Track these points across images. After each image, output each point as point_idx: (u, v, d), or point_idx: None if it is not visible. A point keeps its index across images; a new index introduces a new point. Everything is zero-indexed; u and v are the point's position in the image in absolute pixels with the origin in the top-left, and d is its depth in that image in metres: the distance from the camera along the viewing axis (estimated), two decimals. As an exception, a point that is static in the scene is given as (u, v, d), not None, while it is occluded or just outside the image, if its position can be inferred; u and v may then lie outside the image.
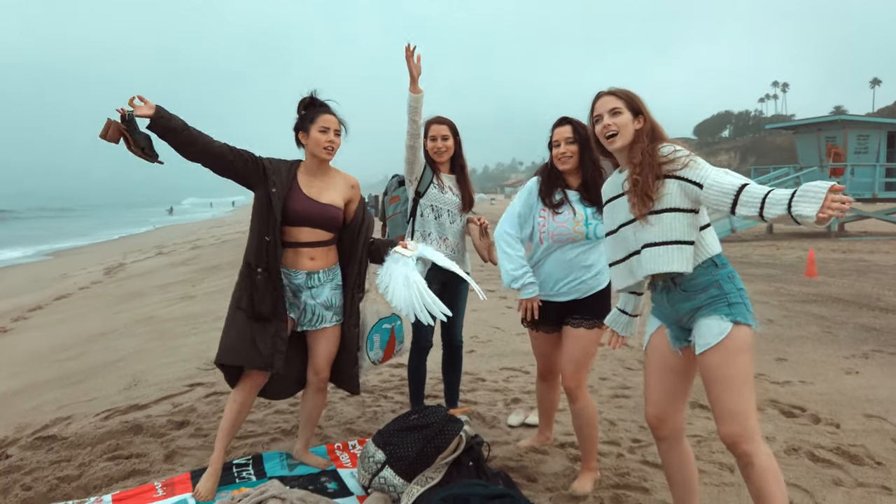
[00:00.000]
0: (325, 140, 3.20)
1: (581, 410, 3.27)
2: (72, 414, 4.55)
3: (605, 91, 2.56)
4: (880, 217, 20.21)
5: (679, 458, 2.62)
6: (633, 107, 2.49)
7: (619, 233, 2.53)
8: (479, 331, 6.77)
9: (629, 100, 2.50)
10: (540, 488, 3.22)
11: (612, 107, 2.48)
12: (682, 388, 2.55)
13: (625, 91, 2.54)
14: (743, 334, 2.30)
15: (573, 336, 3.28)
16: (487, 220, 3.95)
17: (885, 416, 4.22)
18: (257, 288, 3.13)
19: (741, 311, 2.32)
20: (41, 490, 3.24)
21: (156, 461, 3.56)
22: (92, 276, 14.65)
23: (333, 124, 3.23)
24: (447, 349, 4.08)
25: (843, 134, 19.82)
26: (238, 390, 3.22)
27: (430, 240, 3.83)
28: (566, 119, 3.33)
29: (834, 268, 12.14)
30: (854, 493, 3.20)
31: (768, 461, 2.28)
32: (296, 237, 3.21)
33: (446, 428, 3.05)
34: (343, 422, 4.14)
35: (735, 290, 2.36)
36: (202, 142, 3.06)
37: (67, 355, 6.91)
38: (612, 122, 2.46)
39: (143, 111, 2.90)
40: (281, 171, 3.24)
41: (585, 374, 3.32)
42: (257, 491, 2.72)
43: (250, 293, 3.14)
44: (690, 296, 2.38)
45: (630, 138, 2.48)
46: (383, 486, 2.97)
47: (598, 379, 5.06)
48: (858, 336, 6.54)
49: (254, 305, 3.13)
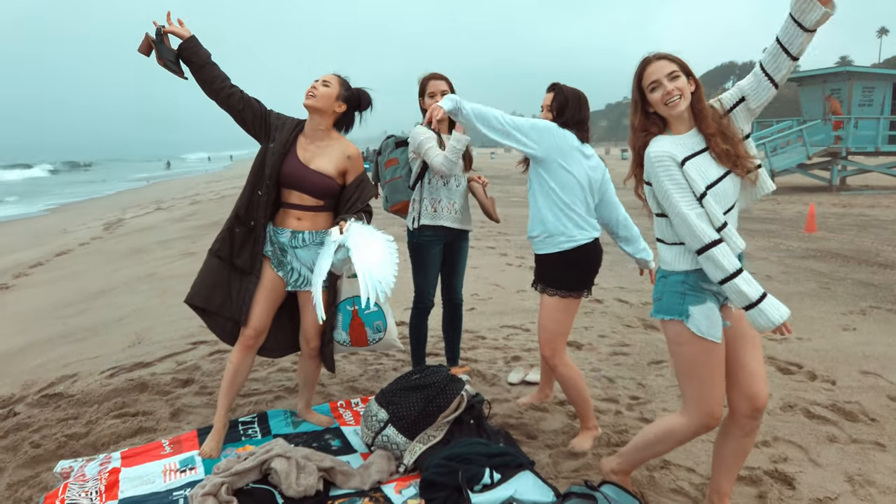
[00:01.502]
0: (309, 88, 3.20)
1: (561, 377, 3.25)
2: (77, 371, 4.60)
3: (655, 56, 2.40)
4: (882, 171, 20.09)
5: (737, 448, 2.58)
6: (686, 69, 2.37)
7: (718, 186, 2.34)
8: (480, 288, 6.80)
9: (681, 63, 2.37)
10: (540, 445, 3.28)
11: (670, 71, 2.34)
12: (739, 361, 2.50)
13: (673, 55, 2.41)
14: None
15: (542, 303, 3.28)
16: (487, 179, 3.94)
17: (880, 373, 4.27)
18: (237, 240, 3.21)
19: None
20: (50, 447, 3.30)
21: (162, 419, 3.62)
22: (92, 231, 14.63)
23: (323, 76, 3.25)
24: (447, 307, 4.11)
25: (848, 86, 19.52)
26: (234, 352, 3.27)
27: (441, 206, 3.80)
28: (554, 85, 3.34)
29: (834, 222, 12.14)
30: (848, 449, 3.26)
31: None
32: (285, 198, 3.24)
33: (448, 387, 3.10)
34: (345, 380, 4.20)
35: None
36: (220, 81, 3.15)
37: (70, 312, 6.95)
38: (674, 86, 2.32)
39: (176, 30, 3.09)
40: (285, 128, 3.23)
41: (561, 342, 3.25)
42: (262, 449, 2.77)
43: (230, 244, 3.22)
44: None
45: (689, 101, 2.38)
46: (386, 444, 3.03)
47: (598, 336, 5.11)
48: (856, 292, 6.57)
49: (232, 257, 3.22)
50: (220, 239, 3.25)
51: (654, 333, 5.20)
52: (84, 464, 3.06)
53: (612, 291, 6.58)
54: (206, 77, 3.13)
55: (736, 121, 2.41)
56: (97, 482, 2.87)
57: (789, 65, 2.28)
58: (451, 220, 3.83)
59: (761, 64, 2.33)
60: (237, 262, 3.23)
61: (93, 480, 2.88)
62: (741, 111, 2.40)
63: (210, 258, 3.26)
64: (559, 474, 2.98)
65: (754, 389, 2.42)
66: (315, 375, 3.54)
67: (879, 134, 19.37)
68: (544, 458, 3.12)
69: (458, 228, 3.88)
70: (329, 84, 3.21)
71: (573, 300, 3.21)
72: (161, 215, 17.10)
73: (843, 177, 20.71)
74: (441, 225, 3.80)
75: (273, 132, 3.19)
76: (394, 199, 3.96)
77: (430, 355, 4.58)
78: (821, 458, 3.17)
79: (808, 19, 2.18)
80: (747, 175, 2.36)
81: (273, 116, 3.24)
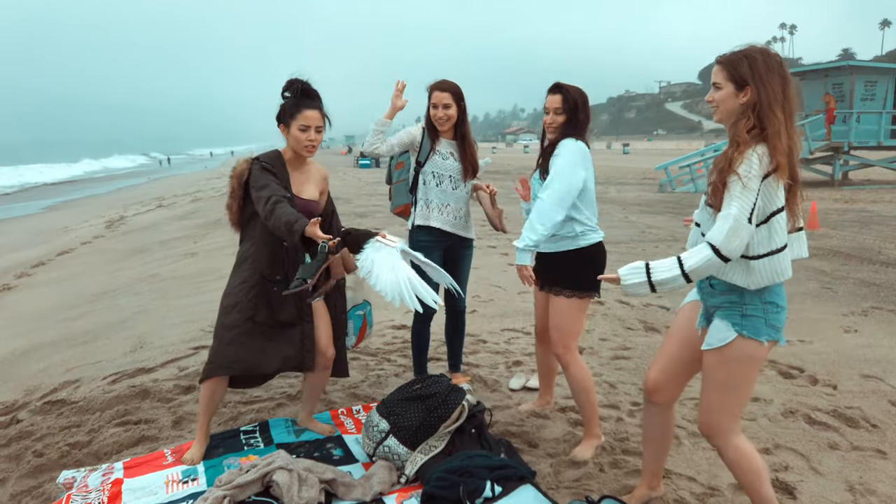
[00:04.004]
0: (305, 139, 3.09)
1: (572, 377, 3.29)
2: (80, 377, 4.61)
3: (718, 57, 2.32)
4: (884, 165, 20.08)
5: (663, 424, 2.72)
6: (737, 77, 2.22)
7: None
8: (481, 290, 6.80)
9: (733, 69, 2.23)
10: (541, 454, 3.29)
11: (714, 80, 2.29)
12: (693, 364, 2.56)
13: (734, 56, 2.25)
14: (746, 347, 2.28)
15: (554, 304, 3.30)
16: (496, 187, 3.92)
17: (882, 377, 4.27)
18: (276, 298, 3.11)
19: (754, 325, 2.27)
20: (53, 457, 3.31)
21: (164, 427, 3.63)
22: (94, 229, 14.64)
23: (315, 121, 3.09)
24: (450, 314, 4.12)
25: (850, 80, 19.46)
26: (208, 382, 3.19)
27: (432, 207, 3.82)
28: (558, 86, 3.29)
29: (836, 219, 12.12)
30: (849, 456, 3.27)
31: (736, 456, 2.41)
32: None
33: (449, 398, 3.10)
34: (347, 386, 4.20)
35: (760, 303, 2.27)
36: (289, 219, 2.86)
37: (72, 314, 6.96)
38: (710, 97, 2.30)
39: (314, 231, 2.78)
40: (278, 170, 3.12)
41: (574, 341, 3.30)
42: (264, 462, 2.78)
43: (269, 304, 3.13)
44: (715, 292, 2.36)
45: (731, 114, 2.26)
46: (388, 455, 3.04)
47: (599, 340, 5.11)
48: (858, 292, 6.57)
49: (275, 316, 3.14)
50: (249, 306, 3.08)
51: (656, 336, 5.20)
52: (87, 474, 3.07)
53: (614, 293, 6.57)
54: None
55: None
56: (100, 493, 2.87)
57: None
58: (442, 223, 3.82)
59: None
60: (282, 318, 3.15)
61: (96, 491, 2.89)
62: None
63: (244, 325, 3.08)
64: (560, 484, 2.99)
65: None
66: (322, 387, 3.56)
67: (882, 128, 19.35)
68: (545, 467, 3.12)
69: (452, 232, 3.86)
70: (321, 129, 3.14)
71: (585, 300, 3.24)
72: (163, 213, 17.10)
73: (845, 171, 20.68)
74: (432, 226, 3.80)
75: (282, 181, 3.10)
76: (396, 202, 4.11)
77: (432, 360, 4.59)
78: (822, 465, 3.17)
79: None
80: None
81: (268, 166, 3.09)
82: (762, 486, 2.42)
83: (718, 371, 2.34)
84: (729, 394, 2.34)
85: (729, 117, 2.27)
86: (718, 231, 2.14)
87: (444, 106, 3.73)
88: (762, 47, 2.25)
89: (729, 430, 2.39)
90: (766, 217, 2.19)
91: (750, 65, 2.19)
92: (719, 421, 2.39)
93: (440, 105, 3.73)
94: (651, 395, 2.66)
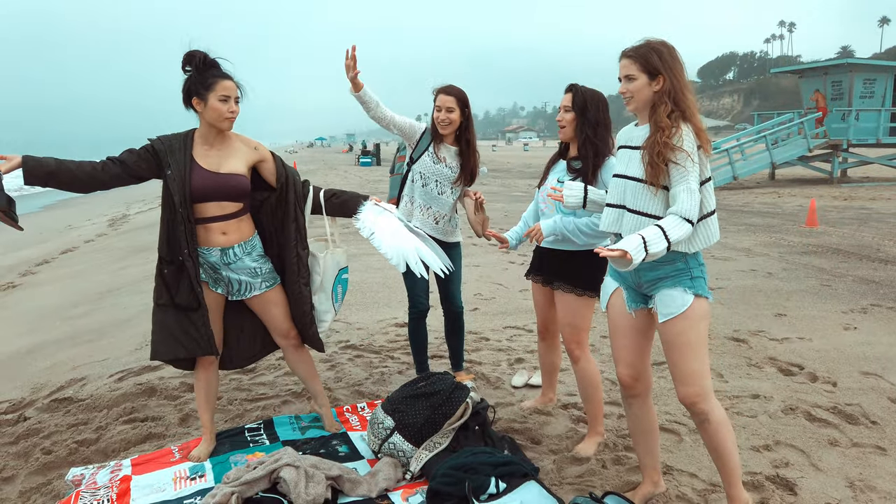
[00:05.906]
0: (226, 110, 2.97)
1: (582, 371, 3.35)
2: (86, 375, 4.65)
3: (624, 51, 2.49)
4: (883, 163, 20.10)
5: (648, 414, 2.80)
6: (649, 68, 2.41)
7: (624, 181, 2.52)
8: (483, 288, 6.84)
9: (644, 61, 2.42)
10: (544, 450, 3.32)
11: (626, 73, 2.46)
12: (647, 346, 2.73)
13: (642, 50, 2.44)
14: (702, 305, 2.47)
15: (564, 301, 3.35)
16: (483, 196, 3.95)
17: (881, 374, 4.31)
18: (171, 282, 3.06)
19: (701, 285, 2.48)
20: (61, 454, 3.35)
21: (171, 424, 3.67)
22: (97, 227, 14.70)
23: (233, 91, 3.00)
24: (447, 315, 4.14)
25: (849, 78, 19.49)
26: (198, 371, 3.25)
27: (414, 206, 3.89)
28: (571, 85, 3.35)
29: (835, 216, 12.16)
30: (849, 453, 3.30)
31: (721, 415, 2.52)
32: (202, 213, 3.04)
33: (453, 395, 3.14)
34: (351, 384, 4.24)
35: (697, 265, 2.48)
36: (85, 173, 2.90)
37: (77, 312, 7.00)
38: (625, 88, 2.48)
39: (8, 166, 2.74)
40: (174, 149, 3.02)
41: (585, 335, 3.38)
42: (272, 458, 2.82)
43: (166, 287, 3.07)
44: (655, 265, 2.47)
45: (646, 103, 2.46)
46: (393, 452, 3.08)
47: (600, 337, 5.15)
48: (857, 290, 6.61)
49: (174, 299, 3.07)
50: (156, 288, 3.11)
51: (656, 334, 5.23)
52: (95, 471, 3.10)
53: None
54: (71, 176, 2.87)
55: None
56: (108, 490, 2.91)
57: None
58: (423, 223, 3.84)
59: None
60: (179, 301, 3.06)
61: (104, 488, 2.93)
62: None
63: (155, 310, 3.13)
64: (563, 480, 3.02)
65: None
66: (310, 364, 3.50)
67: (880, 126, 19.37)
68: (548, 463, 3.16)
69: (432, 235, 3.82)
70: (239, 100, 3.06)
71: (595, 297, 3.29)
72: (163, 211, 17.12)
73: (843, 169, 20.71)
74: (412, 226, 3.82)
75: (164, 159, 3.00)
76: (391, 193, 4.21)
77: (436, 357, 4.63)
78: (822, 462, 3.21)
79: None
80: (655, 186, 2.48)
81: (157, 144, 3.02)
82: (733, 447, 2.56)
83: (687, 335, 2.44)
84: (700, 353, 2.47)
85: (644, 106, 2.48)
86: (689, 205, 2.32)
87: (446, 109, 3.77)
88: (661, 40, 2.47)
89: (710, 390, 2.52)
90: (700, 185, 2.39)
91: (659, 56, 2.41)
92: (703, 383, 2.48)
93: (443, 108, 3.78)
94: (629, 389, 2.75)
